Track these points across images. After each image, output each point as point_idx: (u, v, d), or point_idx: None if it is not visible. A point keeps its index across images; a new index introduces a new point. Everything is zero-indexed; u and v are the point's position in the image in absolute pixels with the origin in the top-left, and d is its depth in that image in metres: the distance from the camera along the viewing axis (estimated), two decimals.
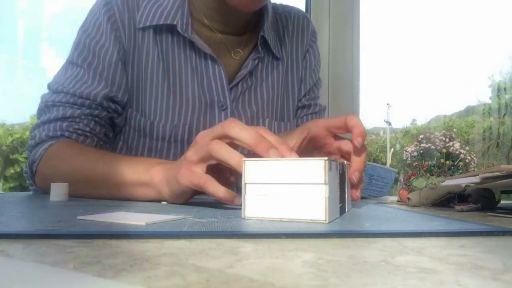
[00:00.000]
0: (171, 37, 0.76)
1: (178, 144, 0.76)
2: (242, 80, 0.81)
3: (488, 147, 2.91)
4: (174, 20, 0.74)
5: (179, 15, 0.74)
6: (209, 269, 0.20)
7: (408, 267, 0.21)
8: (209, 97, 0.77)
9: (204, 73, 0.77)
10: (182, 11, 0.75)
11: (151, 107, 0.76)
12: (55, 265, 0.20)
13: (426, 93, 4.51)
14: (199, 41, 0.75)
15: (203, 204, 0.51)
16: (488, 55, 3.86)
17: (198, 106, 0.77)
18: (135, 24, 0.76)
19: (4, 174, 2.85)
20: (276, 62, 0.86)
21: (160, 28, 0.76)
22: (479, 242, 0.29)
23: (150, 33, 0.76)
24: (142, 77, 0.76)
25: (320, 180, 0.35)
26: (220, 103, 0.78)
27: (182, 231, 0.29)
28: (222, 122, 0.48)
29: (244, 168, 0.37)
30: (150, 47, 0.76)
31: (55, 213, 0.40)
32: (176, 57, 0.77)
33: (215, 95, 0.77)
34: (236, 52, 0.81)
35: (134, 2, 0.77)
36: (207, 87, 0.77)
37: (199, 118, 0.76)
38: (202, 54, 0.76)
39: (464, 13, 5.72)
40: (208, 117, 0.77)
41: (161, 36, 0.76)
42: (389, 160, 4.50)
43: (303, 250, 0.25)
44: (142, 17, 0.76)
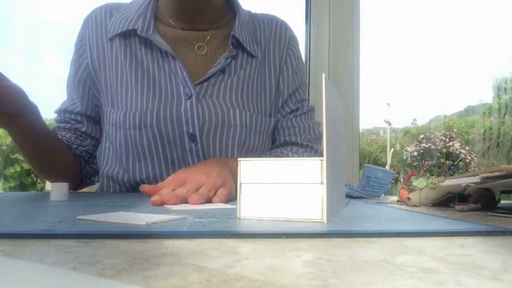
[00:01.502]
0: (137, 40, 0.85)
1: (149, 130, 0.80)
2: (212, 77, 0.84)
3: (488, 147, 2.91)
4: (135, 25, 0.83)
5: (140, 21, 0.84)
6: (209, 269, 0.20)
7: (408, 267, 0.21)
8: (175, 89, 0.82)
9: (167, 69, 0.83)
10: (144, 16, 0.84)
11: (123, 100, 0.83)
12: (55, 265, 0.20)
13: (426, 93, 4.50)
14: (158, 40, 0.83)
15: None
16: (489, 55, 3.86)
17: (165, 95, 0.82)
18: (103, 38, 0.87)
19: (4, 174, 2.85)
20: (250, 59, 0.89)
21: (128, 34, 0.85)
22: (479, 242, 0.29)
23: (117, 40, 0.86)
24: (114, 78, 0.85)
25: (317, 179, 0.35)
26: (186, 92, 0.82)
27: (182, 231, 0.29)
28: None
29: (240, 168, 0.37)
30: (118, 50, 0.85)
31: (55, 213, 0.40)
32: (144, 56, 0.84)
33: (181, 87, 0.82)
34: (199, 47, 0.87)
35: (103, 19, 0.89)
36: (173, 80, 0.83)
37: (166, 106, 0.81)
38: (164, 52, 0.83)
39: (464, 13, 5.71)
40: (174, 104, 0.81)
41: (129, 40, 0.85)
42: (389, 160, 4.50)
43: (303, 250, 0.25)
44: (110, 29, 0.86)
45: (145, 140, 0.80)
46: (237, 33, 0.86)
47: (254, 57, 0.89)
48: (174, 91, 0.82)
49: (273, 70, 0.93)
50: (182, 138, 0.80)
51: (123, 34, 0.85)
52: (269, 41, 0.94)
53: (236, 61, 0.87)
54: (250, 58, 0.89)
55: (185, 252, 0.24)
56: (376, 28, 4.72)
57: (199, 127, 0.80)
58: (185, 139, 0.80)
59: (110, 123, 0.85)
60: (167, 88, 0.82)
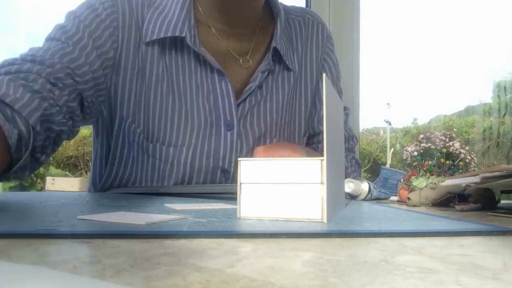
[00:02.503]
0: (176, 49, 0.73)
1: (181, 167, 0.73)
2: (250, 95, 0.76)
3: (488, 147, 2.91)
4: (182, 32, 0.70)
5: (186, 26, 0.71)
6: (209, 269, 0.20)
7: (408, 267, 0.21)
8: (215, 116, 0.73)
9: (211, 89, 0.73)
10: (189, 20, 0.71)
11: (154, 126, 0.73)
12: (55, 265, 0.20)
13: (426, 93, 4.51)
14: (208, 55, 0.72)
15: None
16: (489, 55, 3.86)
17: (204, 126, 0.73)
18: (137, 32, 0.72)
19: None
20: (287, 73, 0.81)
21: (168, 40, 0.73)
22: (479, 242, 0.29)
23: (155, 47, 0.72)
24: (144, 90, 0.73)
25: (317, 179, 0.35)
26: (227, 122, 0.74)
27: (182, 231, 0.29)
28: None
29: (240, 168, 0.37)
30: (154, 61, 0.72)
31: (55, 213, 0.40)
32: (180, 71, 0.73)
33: (222, 113, 0.74)
34: (245, 60, 0.77)
35: (139, 11, 0.73)
36: (213, 104, 0.73)
37: (204, 140, 0.73)
38: (209, 66, 0.73)
39: (464, 12, 5.72)
40: (213, 138, 0.74)
41: (166, 48, 0.73)
42: (389, 160, 4.50)
43: (303, 250, 0.25)
44: (148, 30, 0.72)
45: (174, 175, 0.73)
46: (279, 44, 0.76)
47: (291, 71, 0.81)
48: (213, 118, 0.73)
49: (310, 80, 0.85)
50: (214, 173, 0.74)
51: (162, 39, 0.72)
52: (306, 48, 0.84)
53: (273, 76, 0.79)
54: (287, 72, 0.81)
55: (185, 252, 0.24)
56: (376, 28, 4.72)
57: (235, 161, 0.73)
58: (217, 173, 0.74)
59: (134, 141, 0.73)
60: (206, 115, 0.73)
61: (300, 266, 0.21)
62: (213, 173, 0.74)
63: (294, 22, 0.85)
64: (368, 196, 0.73)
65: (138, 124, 0.74)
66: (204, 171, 0.74)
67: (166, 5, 0.73)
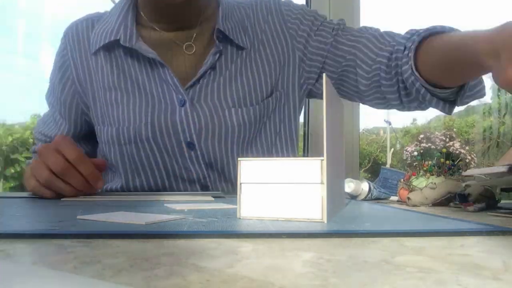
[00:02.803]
0: (122, 50, 0.81)
1: (145, 143, 0.78)
2: (203, 76, 0.80)
3: (488, 147, 2.91)
4: (117, 35, 0.79)
5: (122, 29, 0.79)
6: (209, 269, 0.20)
7: (408, 267, 0.21)
8: (168, 97, 0.79)
9: (157, 76, 0.80)
10: (125, 24, 0.80)
11: (114, 116, 0.80)
12: (55, 265, 0.20)
13: None
14: (143, 47, 0.78)
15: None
16: None
17: (158, 105, 0.79)
18: (87, 52, 0.84)
19: (4, 174, 2.85)
20: (240, 51, 0.84)
21: (111, 45, 0.81)
22: (480, 242, 0.29)
23: (101, 53, 0.82)
24: (102, 94, 0.82)
25: (317, 179, 0.35)
26: (179, 99, 0.79)
27: (182, 231, 0.29)
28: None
29: (240, 168, 0.37)
30: (103, 65, 0.82)
31: (55, 213, 0.40)
32: (131, 66, 0.81)
33: (174, 94, 0.79)
34: (188, 46, 0.83)
35: (84, 33, 0.85)
36: (165, 88, 0.79)
37: (160, 116, 0.78)
38: (151, 59, 0.79)
39: (464, 12, 5.71)
40: (169, 113, 0.78)
41: (113, 51, 0.81)
42: (389, 159, 4.50)
43: (303, 250, 0.25)
44: (92, 43, 0.83)
45: (143, 153, 0.78)
46: (222, 26, 0.80)
47: (243, 48, 0.83)
48: (167, 99, 0.79)
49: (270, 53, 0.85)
50: (180, 147, 0.78)
51: (106, 46, 0.81)
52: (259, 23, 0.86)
53: (226, 56, 0.82)
54: (240, 51, 0.83)
55: (185, 252, 0.23)
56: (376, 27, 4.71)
57: (196, 134, 0.78)
58: (184, 147, 0.78)
59: (102, 141, 0.83)
60: (160, 97, 0.79)
61: (300, 266, 0.21)
62: (179, 147, 0.78)
63: (246, 9, 0.89)
64: (368, 196, 0.73)
65: (103, 122, 0.82)
66: (169, 145, 0.78)
67: (108, 19, 0.83)
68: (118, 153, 0.80)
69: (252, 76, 0.85)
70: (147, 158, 0.78)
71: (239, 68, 0.84)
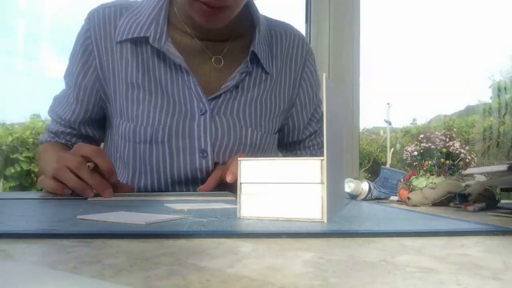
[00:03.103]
0: (150, 47, 0.80)
1: (159, 146, 0.78)
2: (226, 92, 0.82)
3: (488, 147, 2.91)
4: (147, 33, 0.78)
5: (153, 27, 0.78)
6: (209, 269, 0.20)
7: (408, 267, 0.21)
8: (189, 103, 0.79)
9: (180, 82, 0.80)
10: (157, 22, 0.79)
11: (133, 113, 0.79)
12: (55, 265, 0.20)
13: (426, 93, 4.51)
14: (171, 50, 0.78)
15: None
16: (489, 55, 3.86)
17: (178, 110, 0.79)
18: (112, 40, 0.81)
19: (4, 174, 2.85)
20: (265, 76, 0.86)
21: (139, 41, 0.80)
22: (479, 242, 0.29)
23: (128, 46, 0.80)
24: (124, 88, 0.81)
25: (317, 179, 0.35)
26: (200, 108, 0.79)
27: (182, 231, 0.29)
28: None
29: (239, 168, 0.37)
30: (128, 58, 0.80)
31: (55, 213, 0.40)
32: (156, 66, 0.80)
33: (195, 102, 0.79)
34: (217, 60, 0.83)
35: (111, 19, 0.82)
36: (187, 94, 0.80)
37: (179, 121, 0.78)
38: (177, 63, 0.79)
39: (464, 12, 5.72)
40: (188, 120, 0.78)
41: (141, 47, 0.80)
42: (389, 159, 4.51)
43: (303, 250, 0.25)
44: (119, 31, 0.80)
45: (155, 156, 0.78)
46: (257, 49, 0.82)
47: (268, 74, 0.86)
48: (188, 105, 0.79)
49: (287, 88, 0.90)
50: (192, 154, 0.78)
51: (134, 40, 0.80)
52: (286, 58, 0.90)
53: (251, 77, 0.84)
54: (265, 75, 0.86)
55: (185, 252, 0.24)
56: (376, 28, 4.72)
57: (211, 143, 0.78)
58: (196, 154, 0.78)
59: (119, 135, 0.82)
60: (181, 102, 0.79)
61: (300, 266, 0.21)
62: (192, 154, 0.79)
63: (276, 33, 0.91)
64: (368, 196, 0.73)
65: (121, 115, 0.82)
66: (182, 151, 0.78)
67: (140, 11, 0.81)
68: (131, 150, 0.80)
69: (270, 105, 0.88)
70: (157, 160, 0.78)
71: (262, 93, 0.86)
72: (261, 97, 0.86)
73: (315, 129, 0.96)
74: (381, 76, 5.43)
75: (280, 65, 0.89)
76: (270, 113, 0.87)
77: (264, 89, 0.86)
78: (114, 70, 0.82)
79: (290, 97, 0.91)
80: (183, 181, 0.80)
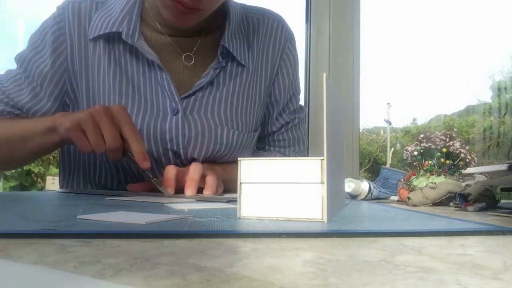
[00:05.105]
0: (122, 44, 0.78)
1: None
2: (200, 90, 0.79)
3: (489, 147, 2.91)
4: (120, 28, 0.76)
5: (125, 22, 0.76)
6: (209, 269, 0.20)
7: (408, 267, 0.21)
8: (161, 103, 0.77)
9: (153, 80, 0.77)
10: (129, 17, 0.77)
11: None
12: (55, 265, 0.20)
13: (427, 93, 4.50)
14: (144, 47, 0.76)
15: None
16: (489, 55, 3.86)
17: (150, 110, 0.77)
18: (86, 35, 0.79)
19: (4, 174, 2.85)
20: (240, 69, 0.83)
21: (112, 36, 0.78)
22: (480, 242, 0.29)
23: (101, 42, 0.78)
24: (95, 85, 0.78)
25: (317, 179, 0.35)
26: (172, 107, 0.77)
27: (182, 231, 0.29)
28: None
29: (240, 167, 0.37)
30: (101, 55, 0.78)
31: (55, 213, 0.40)
32: (128, 64, 0.78)
33: (167, 101, 0.77)
34: (186, 57, 0.81)
35: (87, 14, 0.80)
36: (159, 92, 0.77)
37: (150, 122, 0.76)
38: (150, 61, 0.77)
39: (464, 12, 5.72)
40: (159, 121, 0.76)
41: (113, 44, 0.78)
42: (389, 159, 4.51)
43: (303, 250, 0.25)
44: (92, 28, 0.78)
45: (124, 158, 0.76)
46: (227, 42, 0.79)
47: (244, 66, 0.83)
48: (160, 105, 0.77)
49: (264, 77, 0.87)
50: (166, 155, 0.77)
51: (106, 35, 0.77)
52: (263, 45, 0.87)
53: (225, 71, 0.81)
54: (241, 68, 0.83)
55: (185, 251, 0.23)
56: (376, 28, 4.72)
57: (184, 145, 0.77)
58: (170, 156, 0.77)
59: None
60: (153, 102, 0.77)
61: (300, 265, 0.21)
62: (165, 155, 0.77)
63: (253, 20, 0.87)
64: (368, 195, 0.73)
65: None
66: (155, 152, 0.77)
67: (114, 6, 0.79)
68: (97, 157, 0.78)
69: (247, 100, 0.84)
70: (128, 163, 0.77)
71: (238, 86, 0.83)
72: (237, 91, 0.82)
73: (286, 121, 0.90)
74: (381, 76, 5.42)
75: (257, 54, 0.86)
76: (247, 108, 0.84)
77: (240, 82, 0.83)
78: (87, 65, 0.79)
79: (266, 87, 0.88)
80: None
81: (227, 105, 0.81)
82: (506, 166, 0.48)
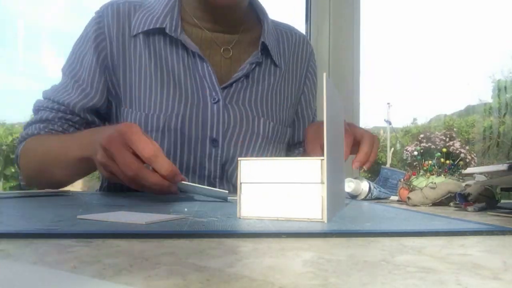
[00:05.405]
0: (163, 39, 0.82)
1: (172, 134, 0.78)
2: (236, 82, 0.84)
3: (489, 147, 2.90)
4: (163, 24, 0.80)
5: (168, 19, 0.81)
6: (209, 269, 0.20)
7: (408, 267, 0.21)
8: (201, 92, 0.81)
9: (195, 70, 0.81)
10: (171, 15, 0.82)
11: (145, 102, 0.80)
12: (55, 265, 0.20)
13: (427, 93, 4.50)
14: (188, 40, 0.81)
15: (204, 204, 0.51)
16: (489, 55, 3.86)
17: (191, 98, 0.80)
18: (125, 33, 0.83)
19: (4, 173, 2.85)
20: (274, 68, 0.89)
21: (152, 33, 0.82)
22: (480, 242, 0.29)
23: (141, 38, 0.82)
24: (136, 78, 0.82)
25: (317, 179, 0.35)
26: (213, 96, 0.80)
27: (182, 231, 0.29)
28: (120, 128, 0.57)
29: (240, 167, 0.37)
30: (142, 50, 0.82)
31: (55, 213, 0.40)
32: (169, 56, 0.82)
33: (207, 90, 0.81)
34: (225, 50, 0.86)
35: (125, 14, 0.84)
36: (199, 83, 0.81)
37: (192, 109, 0.79)
38: (191, 52, 0.81)
39: (464, 12, 5.71)
40: (200, 108, 0.80)
41: (153, 39, 0.82)
42: (389, 159, 4.50)
43: (303, 250, 0.25)
44: (134, 26, 0.83)
45: (166, 144, 0.78)
46: (266, 40, 0.86)
47: (277, 67, 0.89)
48: (200, 94, 0.80)
49: (295, 84, 0.94)
50: (204, 143, 0.79)
51: (147, 32, 0.82)
52: (292, 55, 0.94)
53: (260, 68, 0.87)
54: (274, 68, 0.89)
55: (185, 251, 0.23)
56: (376, 28, 4.71)
57: (223, 133, 0.80)
58: (207, 143, 0.79)
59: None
60: (193, 91, 0.80)
61: (300, 265, 0.21)
62: (203, 143, 0.79)
63: (282, 32, 0.95)
64: (368, 195, 0.73)
65: (131, 105, 0.81)
66: (194, 139, 0.79)
67: (154, 6, 0.84)
68: None
69: (280, 97, 0.91)
70: (169, 149, 0.79)
71: (272, 84, 0.89)
72: (271, 88, 0.88)
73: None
74: (381, 76, 5.42)
75: (287, 60, 0.93)
76: (281, 105, 0.90)
77: (274, 81, 0.89)
78: (126, 62, 0.82)
79: (297, 93, 0.95)
80: (190, 171, 0.80)
81: (263, 98, 0.86)
82: (506, 166, 0.48)
